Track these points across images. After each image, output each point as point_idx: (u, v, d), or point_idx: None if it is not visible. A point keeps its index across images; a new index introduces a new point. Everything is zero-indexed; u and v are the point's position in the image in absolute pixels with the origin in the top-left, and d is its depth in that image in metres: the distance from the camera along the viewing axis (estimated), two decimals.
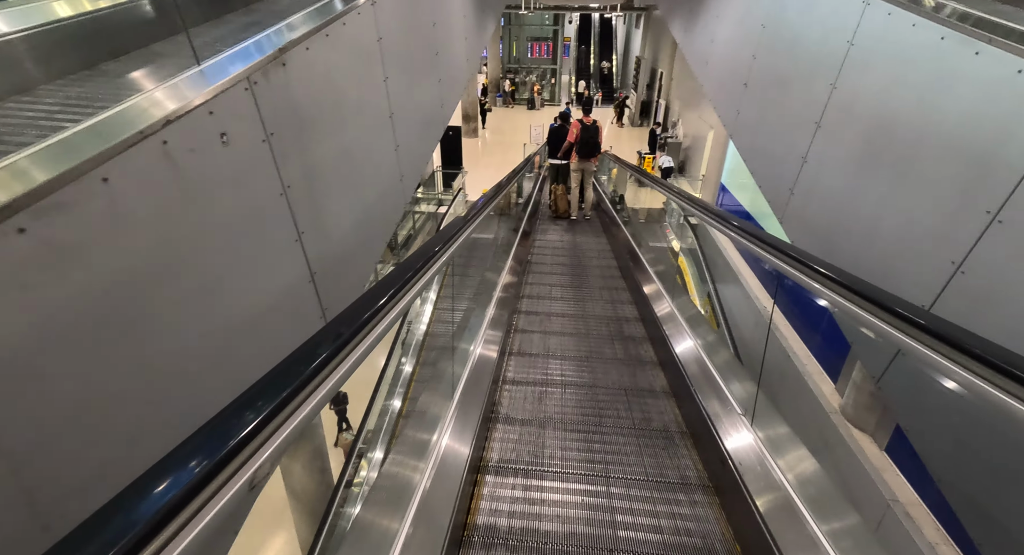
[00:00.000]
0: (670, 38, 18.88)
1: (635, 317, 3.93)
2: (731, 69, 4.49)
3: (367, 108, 2.80)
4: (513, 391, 2.80)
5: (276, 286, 1.96)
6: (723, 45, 4.78)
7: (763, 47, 3.80)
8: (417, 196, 13.04)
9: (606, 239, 6.48)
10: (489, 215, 3.36)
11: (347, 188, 2.57)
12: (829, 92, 2.76)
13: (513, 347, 3.28)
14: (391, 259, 10.64)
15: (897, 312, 1.30)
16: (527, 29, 28.15)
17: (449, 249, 1.94)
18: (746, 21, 4.22)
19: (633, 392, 2.85)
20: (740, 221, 2.56)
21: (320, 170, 2.25)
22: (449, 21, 4.63)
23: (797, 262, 1.78)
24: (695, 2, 5.84)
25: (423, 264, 1.53)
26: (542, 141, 16.63)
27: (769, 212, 10.88)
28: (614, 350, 3.39)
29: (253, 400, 0.75)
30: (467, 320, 2.86)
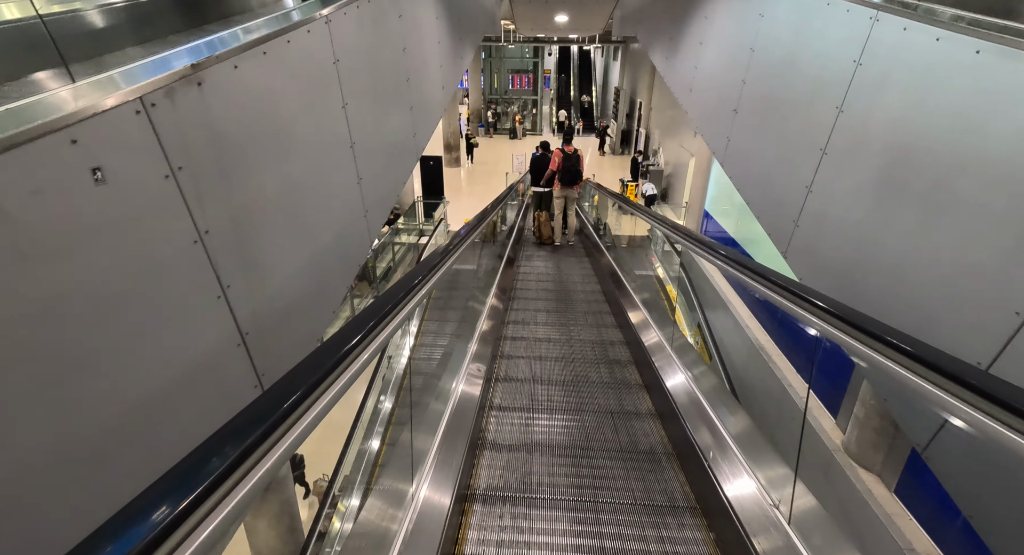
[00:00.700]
0: (648, 69, 19.29)
1: (620, 340, 3.98)
2: (718, 95, 4.29)
3: (322, 137, 2.46)
4: (500, 417, 2.78)
5: (189, 355, 1.55)
6: (708, 71, 4.60)
7: (753, 71, 3.59)
8: (398, 227, 12.70)
9: (589, 264, 6.55)
10: (473, 243, 3.30)
11: (294, 228, 2.19)
12: (835, 116, 2.51)
13: (500, 373, 3.27)
14: (368, 293, 10.19)
15: (950, 374, 1.02)
16: (508, 61, 28.66)
17: (423, 287, 1.75)
18: (732, 46, 4.04)
19: (619, 415, 2.85)
20: (732, 252, 2.25)
21: (255, 209, 1.88)
22: (422, 47, 4.38)
23: (823, 311, 1.45)
24: (676, 30, 5.73)
25: (392, 307, 1.35)
26: (524, 170, 16.59)
27: (755, 238, 10.69)
28: (600, 374, 3.42)
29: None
30: (451, 348, 2.82)
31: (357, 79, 2.87)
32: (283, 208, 2.10)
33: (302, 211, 2.27)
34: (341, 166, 2.69)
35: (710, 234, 12.74)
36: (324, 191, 2.49)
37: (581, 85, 30.84)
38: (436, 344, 4.40)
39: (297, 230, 2.23)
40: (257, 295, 1.89)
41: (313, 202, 2.37)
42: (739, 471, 1.96)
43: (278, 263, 2.06)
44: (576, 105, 29.37)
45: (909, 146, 2.00)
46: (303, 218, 2.28)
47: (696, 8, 4.99)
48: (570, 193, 6.86)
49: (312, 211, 2.36)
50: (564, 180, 6.64)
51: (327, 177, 2.52)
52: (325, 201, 2.51)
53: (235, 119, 1.73)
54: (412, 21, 4.02)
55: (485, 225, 3.94)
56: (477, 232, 3.36)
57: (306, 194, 2.30)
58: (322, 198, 2.46)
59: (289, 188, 2.13)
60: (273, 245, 2.02)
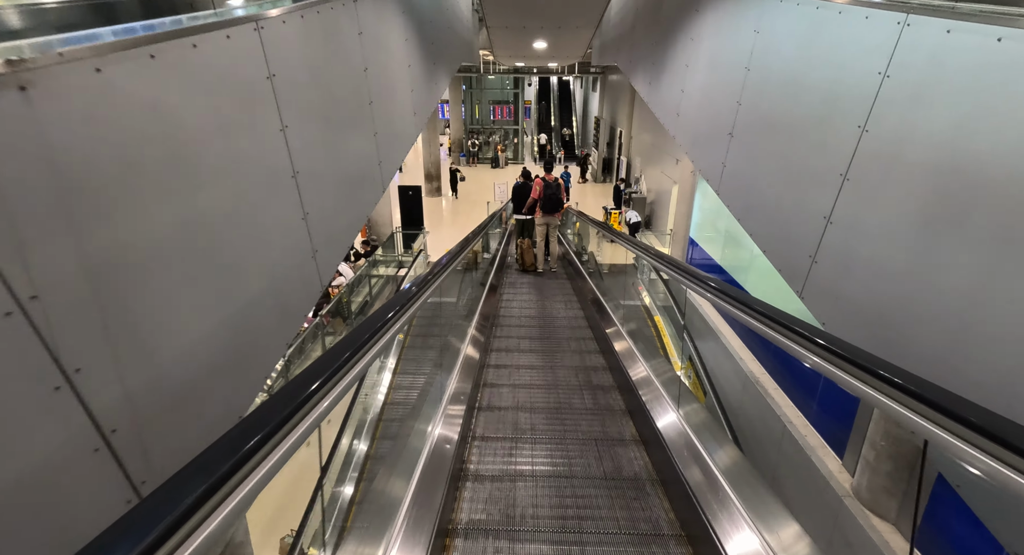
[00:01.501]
0: (627, 99, 19.53)
1: (603, 366, 3.97)
2: (710, 119, 3.99)
3: (249, 164, 2.01)
4: (483, 447, 2.76)
5: (17, 468, 1.05)
6: (697, 94, 4.32)
7: (750, 92, 3.28)
8: (376, 258, 12.19)
9: (572, 291, 6.55)
10: (455, 271, 3.22)
11: (203, 278, 1.72)
12: (857, 136, 2.16)
13: (483, 402, 3.25)
14: (342, 329, 9.58)
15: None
16: (488, 92, 28.96)
17: (387, 332, 1.58)
18: (724, 66, 3.75)
19: (604, 442, 2.86)
20: (732, 289, 1.84)
21: (134, 257, 1.41)
22: (388, 69, 4.03)
23: (876, 377, 1.05)
24: (659, 54, 5.51)
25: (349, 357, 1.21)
26: (506, 199, 16.38)
27: (742, 265, 10.40)
28: (583, 400, 3.41)
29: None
30: (431, 378, 2.79)
31: (302, 98, 2.46)
32: (184, 253, 1.62)
33: (216, 255, 1.79)
34: (279, 199, 2.24)
35: (696, 262, 12.50)
36: (252, 229, 2.02)
37: (561, 115, 31.28)
38: (418, 372, 4.41)
39: (208, 280, 1.75)
40: (135, 373, 1.39)
41: (234, 243, 1.90)
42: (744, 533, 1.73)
43: (174, 325, 1.57)
44: (557, 134, 29.72)
45: (965, 169, 1.63)
46: (218, 264, 1.80)
47: (681, 30, 4.76)
48: (551, 220, 7.00)
49: (232, 254, 1.89)
50: (545, 208, 6.79)
51: (257, 213, 2.06)
52: (254, 241, 2.04)
53: (97, 139, 1.27)
54: (376, 40, 3.66)
55: (467, 254, 3.88)
56: (458, 261, 3.25)
57: (222, 234, 1.83)
58: (249, 238, 2.00)
59: (194, 227, 1.66)
60: (166, 302, 1.53)
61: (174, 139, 1.57)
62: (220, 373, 1.79)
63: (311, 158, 2.56)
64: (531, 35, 7.17)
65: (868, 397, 1.17)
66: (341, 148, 3.03)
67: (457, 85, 25.00)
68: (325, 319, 8.86)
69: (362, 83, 3.38)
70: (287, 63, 2.27)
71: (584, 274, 6.48)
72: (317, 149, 2.65)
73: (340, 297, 9.62)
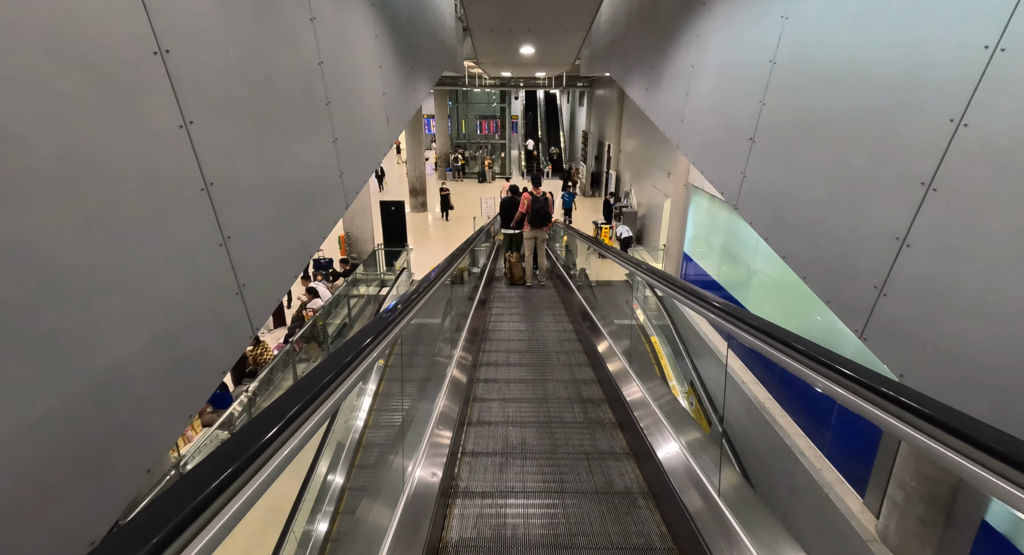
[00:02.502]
0: (615, 113, 19.30)
1: (592, 379, 3.96)
2: (724, 124, 3.48)
3: (121, 171, 1.41)
4: (473, 463, 2.74)
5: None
6: (706, 97, 3.82)
7: (778, 88, 2.78)
8: (356, 277, 11.52)
9: (560, 304, 6.53)
10: (443, 286, 3.18)
11: (28, 337, 1.11)
12: (950, 132, 1.63)
13: (472, 417, 3.25)
14: (317, 355, 8.87)
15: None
16: (475, 107, 28.72)
17: (369, 356, 1.44)
18: (741, 62, 3.26)
19: (594, 455, 2.85)
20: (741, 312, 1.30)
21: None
22: (353, 66, 3.47)
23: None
24: (658, 57, 5.04)
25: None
26: (493, 213, 15.92)
27: (740, 281, 9.90)
28: (573, 414, 3.40)
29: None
30: (418, 399, 2.79)
31: (219, 87, 1.87)
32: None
33: (55, 303, 1.19)
34: (177, 219, 1.64)
35: (691, 277, 12.07)
36: (123, 261, 1.42)
37: (548, 130, 31.17)
38: (402, 393, 4.12)
39: (39, 339, 1.14)
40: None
41: (86, 283, 1.29)
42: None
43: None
44: (545, 150, 29.61)
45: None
46: (59, 316, 1.20)
47: (684, 28, 4.28)
48: (539, 234, 7.04)
49: (86, 302, 1.28)
50: (533, 222, 6.84)
51: (134, 237, 1.45)
52: (127, 278, 1.43)
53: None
54: (335, 31, 3.11)
55: (453, 270, 3.75)
56: (445, 276, 3.15)
57: (68, 271, 1.23)
58: (116, 274, 1.39)
59: (12, 261, 1.06)
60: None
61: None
62: (60, 476, 1.17)
63: (236, 166, 1.97)
64: (517, 39, 6.69)
65: (897, 431, 1.05)
66: (285, 155, 2.45)
67: (443, 99, 24.69)
68: (297, 345, 8.16)
69: (316, 79, 2.82)
70: (191, 37, 1.69)
71: (572, 287, 6.41)
72: (246, 155, 2.06)
73: (315, 320, 8.92)
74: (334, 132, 3.05)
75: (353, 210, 11.77)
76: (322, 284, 9.77)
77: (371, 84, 3.93)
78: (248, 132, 2.08)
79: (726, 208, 10.03)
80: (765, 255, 8.57)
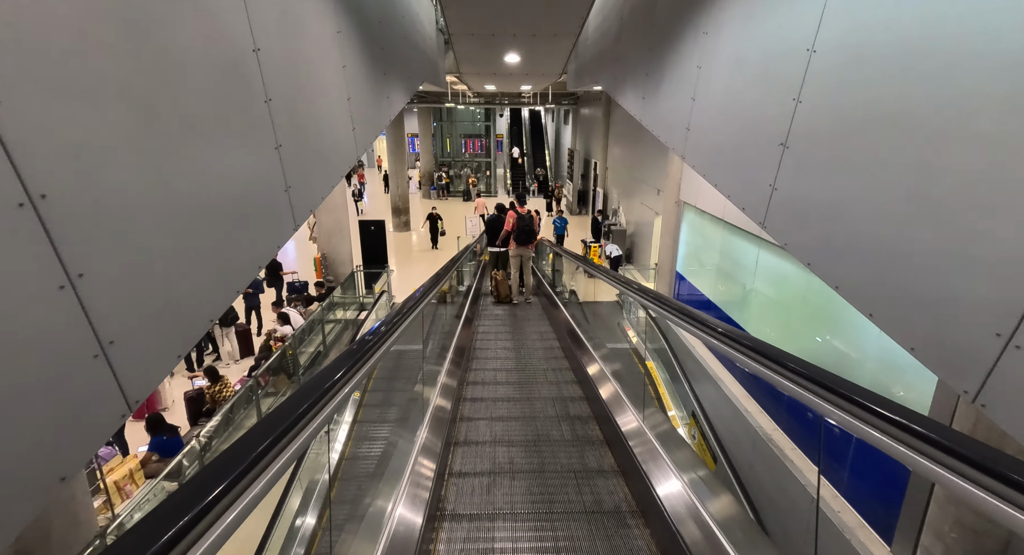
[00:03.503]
0: (600, 130, 19.09)
1: (580, 396, 3.93)
2: (743, 128, 2.99)
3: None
4: (461, 484, 2.72)
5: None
6: (719, 100, 3.34)
7: (821, 81, 2.28)
8: (333, 300, 10.80)
9: (547, 321, 6.51)
10: (429, 304, 3.17)
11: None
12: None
13: (460, 436, 3.22)
14: (287, 388, 8.11)
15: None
16: (460, 125, 28.45)
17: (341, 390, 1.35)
18: (765, 54, 2.77)
19: (582, 473, 2.84)
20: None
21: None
22: (306, 60, 2.91)
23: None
24: (656, 61, 4.58)
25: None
26: (477, 232, 15.41)
27: (735, 300, 9.41)
28: (561, 431, 3.37)
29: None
30: (402, 425, 2.75)
31: (61, 58, 1.29)
32: None
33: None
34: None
35: (684, 297, 11.61)
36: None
37: (534, 149, 31.08)
38: (382, 419, 4.36)
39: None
40: None
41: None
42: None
43: None
44: (531, 173, 29.58)
45: None
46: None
47: (688, 25, 3.83)
48: (525, 252, 7.09)
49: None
50: (519, 240, 6.88)
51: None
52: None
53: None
54: (277, 14, 2.55)
55: (438, 291, 3.70)
56: (429, 297, 3.13)
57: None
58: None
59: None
60: None
61: None
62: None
63: (97, 172, 1.37)
64: (502, 46, 6.22)
65: (936, 476, 0.95)
66: (194, 161, 1.85)
67: (427, 118, 24.37)
68: (263, 378, 7.41)
69: (249, 69, 2.24)
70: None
71: (559, 304, 6.36)
72: (119, 158, 1.47)
73: (284, 350, 8.18)
74: (277, 137, 2.47)
75: (330, 230, 11.12)
76: (295, 310, 9.05)
77: (332, 85, 3.37)
78: (123, 127, 1.48)
79: (720, 225, 9.63)
80: (765, 274, 8.14)
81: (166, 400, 7.67)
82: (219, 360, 9.25)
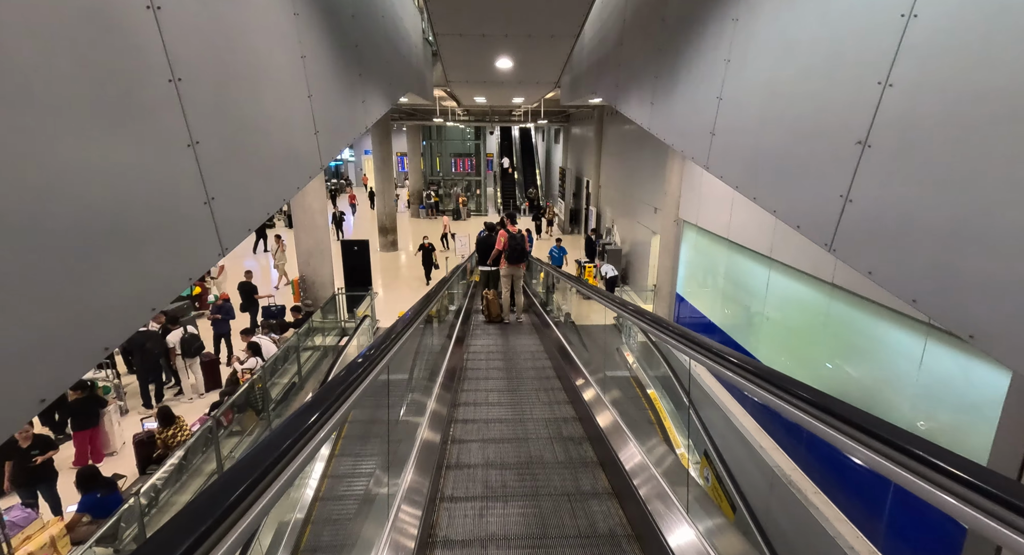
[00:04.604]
0: (593, 148, 18.73)
1: (573, 417, 3.90)
2: (799, 127, 2.40)
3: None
4: (452, 509, 2.65)
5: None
6: (757, 95, 2.77)
7: (929, 55, 1.69)
8: (312, 325, 10.02)
9: (539, 340, 6.42)
10: (419, 326, 3.18)
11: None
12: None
13: (451, 460, 3.18)
14: (253, 427, 7.28)
15: None
16: (450, 144, 28.11)
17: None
18: (832, 31, 2.20)
19: (576, 497, 2.78)
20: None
21: None
22: (244, 37, 2.28)
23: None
24: (669, 60, 4.05)
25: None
26: (467, 252, 14.79)
27: (739, 323, 8.79)
28: (555, 453, 3.31)
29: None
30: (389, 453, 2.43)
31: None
32: None
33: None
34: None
35: (686, 320, 11.03)
36: None
37: (524, 167, 30.85)
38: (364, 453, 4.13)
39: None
40: None
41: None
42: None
43: None
44: (522, 193, 29.36)
45: None
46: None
47: (710, 14, 3.29)
48: (516, 271, 7.02)
49: None
50: (511, 259, 6.80)
51: None
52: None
53: None
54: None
55: (426, 314, 3.65)
56: (417, 321, 3.01)
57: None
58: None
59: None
60: None
61: None
62: None
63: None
64: (493, 49, 5.69)
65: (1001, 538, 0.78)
66: (33, 158, 1.19)
67: (416, 136, 23.96)
68: (225, 418, 6.60)
69: (142, 32, 1.61)
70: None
71: (550, 323, 6.30)
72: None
73: (252, 384, 7.37)
74: (191, 131, 1.82)
75: (309, 250, 10.41)
76: (266, 338, 8.28)
77: (286, 76, 2.75)
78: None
79: (724, 244, 9.11)
80: (778, 297, 7.58)
81: (115, 443, 6.80)
82: (181, 394, 8.40)
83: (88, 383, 6.65)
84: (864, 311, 5.52)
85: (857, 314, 5.60)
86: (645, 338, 7.34)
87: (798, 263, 6.58)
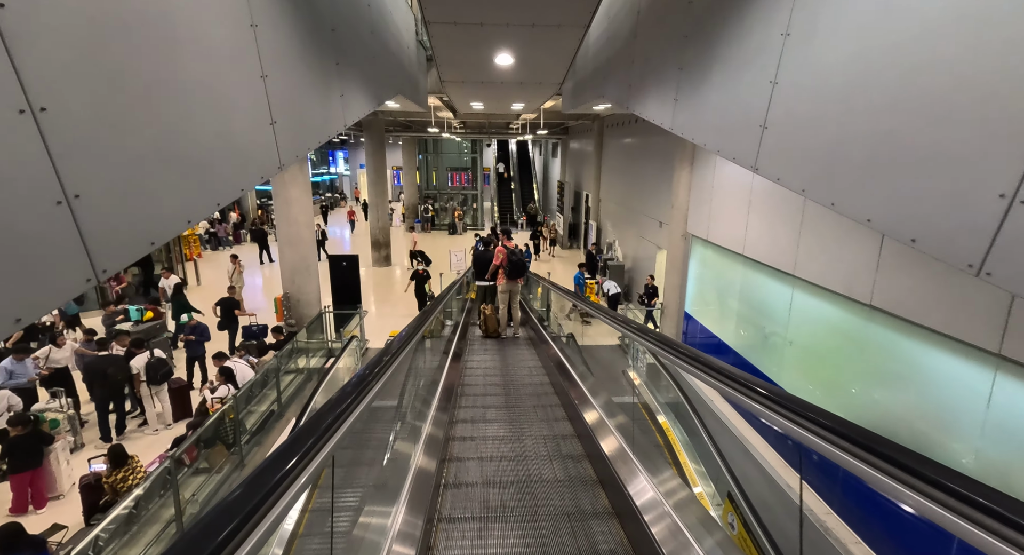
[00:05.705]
0: (593, 161, 18.23)
1: (571, 433, 3.91)
2: (914, 108, 1.77)
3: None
4: (450, 531, 2.66)
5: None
6: (839, 72, 2.15)
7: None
8: (296, 345, 9.26)
9: (536, 356, 6.39)
10: (414, 344, 3.09)
11: None
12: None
13: (448, 477, 3.20)
14: (222, 462, 6.49)
15: None
16: (446, 157, 27.69)
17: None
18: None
19: (576, 516, 2.77)
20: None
21: None
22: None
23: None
24: (699, 47, 3.46)
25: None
26: (463, 267, 14.14)
27: (754, 344, 8.12)
28: (554, 471, 3.29)
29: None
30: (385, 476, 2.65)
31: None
32: None
33: None
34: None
35: (695, 341, 10.35)
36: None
37: (522, 181, 30.48)
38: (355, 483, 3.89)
39: None
40: None
41: None
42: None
43: None
44: (519, 206, 28.98)
45: None
46: None
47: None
48: (513, 287, 6.96)
49: None
50: (510, 274, 6.76)
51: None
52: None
53: None
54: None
55: (420, 335, 3.42)
56: (408, 346, 2.82)
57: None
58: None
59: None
60: None
61: None
62: None
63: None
64: (492, 41, 5.08)
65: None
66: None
67: (411, 150, 23.53)
68: (187, 456, 5.83)
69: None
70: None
71: (548, 339, 6.24)
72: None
73: (222, 414, 6.60)
74: (29, 97, 1.16)
75: (293, 267, 9.72)
76: (241, 361, 7.53)
77: (220, 41, 2.10)
78: None
79: (739, 261, 8.50)
80: (801, 319, 6.94)
81: (62, 485, 6.00)
82: (146, 425, 7.60)
83: (31, 417, 5.88)
84: (913, 338, 4.85)
85: (903, 340, 4.95)
86: (654, 359, 6.80)
87: (828, 282, 5.94)
